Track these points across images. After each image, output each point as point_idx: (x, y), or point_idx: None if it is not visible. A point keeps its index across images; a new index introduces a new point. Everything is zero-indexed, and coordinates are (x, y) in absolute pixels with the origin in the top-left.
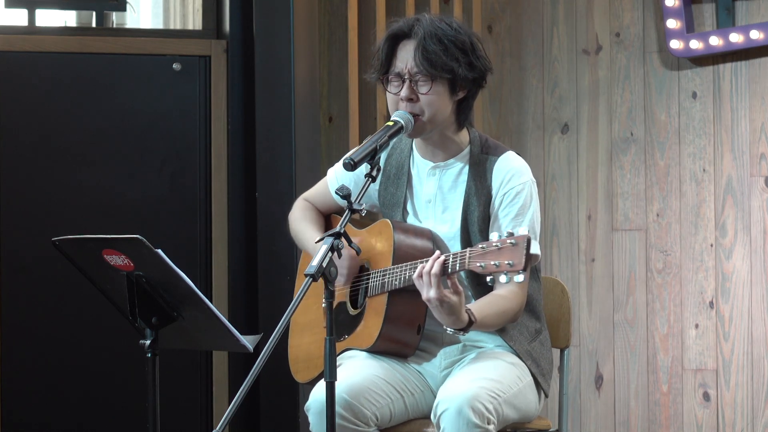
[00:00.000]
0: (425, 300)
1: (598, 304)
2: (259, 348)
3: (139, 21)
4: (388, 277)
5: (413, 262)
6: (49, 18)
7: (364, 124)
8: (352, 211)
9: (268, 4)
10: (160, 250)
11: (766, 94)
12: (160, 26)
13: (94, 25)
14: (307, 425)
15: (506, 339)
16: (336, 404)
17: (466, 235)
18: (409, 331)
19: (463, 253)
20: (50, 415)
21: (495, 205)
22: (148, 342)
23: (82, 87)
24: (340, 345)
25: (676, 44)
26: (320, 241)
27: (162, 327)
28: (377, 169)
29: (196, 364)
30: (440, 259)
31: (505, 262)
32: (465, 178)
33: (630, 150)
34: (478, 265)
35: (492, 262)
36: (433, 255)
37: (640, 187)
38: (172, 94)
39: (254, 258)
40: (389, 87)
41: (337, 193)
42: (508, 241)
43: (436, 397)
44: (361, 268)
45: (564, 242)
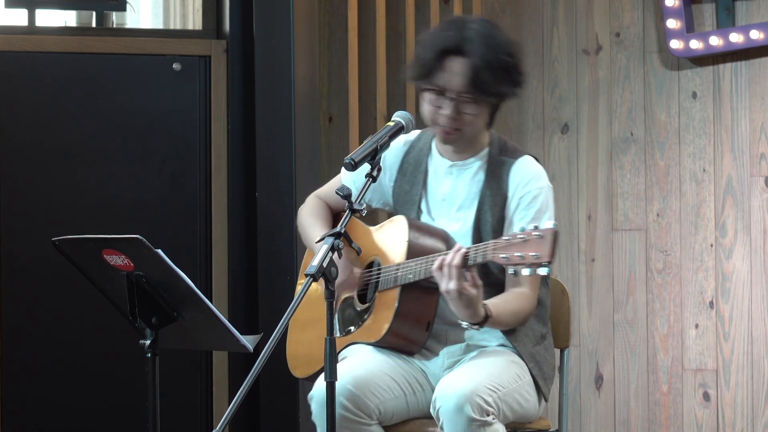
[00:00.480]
0: (444, 292)
1: (598, 304)
2: (259, 348)
3: (139, 21)
4: (402, 272)
5: (428, 257)
6: (49, 18)
7: (364, 124)
8: (353, 211)
9: (268, 4)
10: (160, 250)
11: (766, 94)
12: (160, 26)
13: (94, 25)
14: (307, 425)
15: (511, 340)
16: (340, 395)
17: (477, 235)
18: (418, 327)
19: (486, 245)
20: (50, 415)
21: (510, 208)
22: (148, 342)
23: (82, 87)
24: (346, 339)
25: (676, 44)
26: (320, 241)
27: (162, 327)
28: (378, 169)
29: (196, 364)
30: (462, 251)
31: (531, 254)
32: (481, 178)
33: (630, 150)
34: (502, 256)
35: (516, 254)
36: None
37: (640, 187)
38: (172, 94)
39: (254, 258)
40: (429, 98)
41: (337, 193)
42: (534, 234)
43: (434, 392)
44: (371, 264)
45: (564, 242)
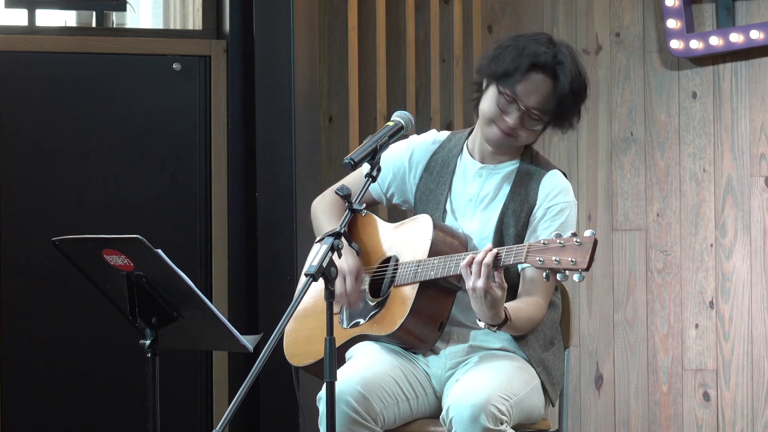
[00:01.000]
0: (470, 289)
1: (598, 304)
2: (259, 348)
3: (139, 21)
4: (422, 268)
5: (454, 255)
6: (49, 18)
7: (364, 124)
8: (353, 211)
9: (268, 4)
10: (160, 250)
11: (766, 94)
12: (160, 26)
13: (94, 25)
14: (308, 425)
15: (521, 345)
16: (349, 395)
17: (499, 237)
18: (431, 326)
19: (520, 247)
20: (50, 415)
21: (536, 217)
22: (148, 342)
23: (82, 87)
24: (353, 331)
25: (676, 44)
26: (320, 241)
27: (162, 327)
28: (377, 169)
29: (196, 364)
30: (493, 251)
31: (568, 259)
32: (510, 183)
33: (630, 150)
34: (538, 259)
35: (553, 258)
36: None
37: (640, 187)
38: (172, 94)
39: (254, 258)
40: (499, 101)
41: (337, 193)
42: (574, 240)
43: (447, 400)
44: (387, 260)
45: None
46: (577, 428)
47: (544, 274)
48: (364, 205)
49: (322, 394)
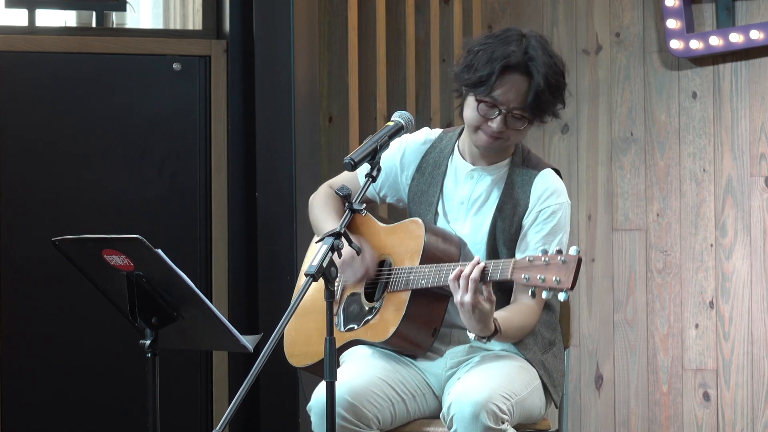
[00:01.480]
0: (458, 303)
1: (598, 304)
2: (259, 348)
3: (139, 21)
4: (414, 276)
5: (444, 265)
6: (49, 18)
7: (364, 124)
8: (353, 211)
9: (268, 4)
10: (160, 250)
11: (766, 94)
12: (160, 26)
13: (94, 25)
14: (308, 425)
15: (520, 348)
16: (338, 406)
17: (492, 242)
18: (425, 332)
19: (506, 263)
20: (50, 415)
21: (528, 220)
22: (148, 342)
23: (82, 87)
24: (348, 335)
25: (676, 44)
26: (320, 240)
27: (162, 327)
28: (377, 169)
29: (196, 364)
30: (480, 265)
31: (553, 278)
32: (502, 186)
33: (630, 150)
34: (523, 276)
35: (538, 276)
36: (472, 260)
37: (640, 187)
38: (172, 94)
39: (254, 258)
40: (480, 108)
41: (337, 193)
42: (559, 258)
43: (448, 399)
44: (382, 263)
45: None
46: (577, 428)
47: (530, 291)
48: (364, 205)
49: (312, 404)
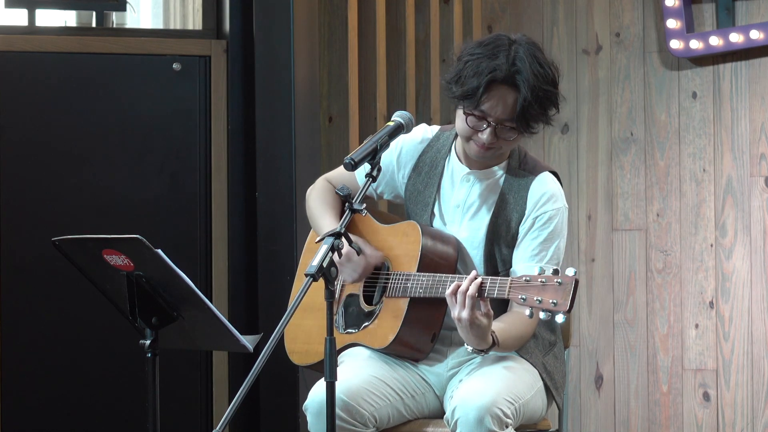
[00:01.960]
0: (456, 319)
1: (598, 304)
2: (259, 348)
3: (139, 21)
4: (412, 283)
5: (442, 276)
6: (49, 18)
7: (364, 124)
8: (353, 211)
9: (268, 4)
10: (160, 250)
11: (766, 94)
12: (160, 26)
13: (94, 25)
14: (307, 424)
15: (521, 352)
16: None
17: (489, 246)
18: (424, 337)
19: (503, 281)
20: (50, 415)
21: (525, 226)
22: (148, 342)
23: (82, 87)
24: (347, 338)
25: (676, 44)
26: (320, 241)
27: (162, 327)
28: (377, 169)
29: (196, 364)
30: (477, 281)
31: (549, 301)
32: (498, 190)
33: (630, 150)
34: (520, 297)
35: (535, 298)
36: (470, 275)
37: (640, 187)
38: (172, 94)
39: (254, 258)
40: (469, 121)
41: (337, 193)
42: (555, 280)
43: (452, 402)
44: (380, 266)
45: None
46: (577, 428)
47: (528, 312)
48: (364, 205)
49: (308, 403)
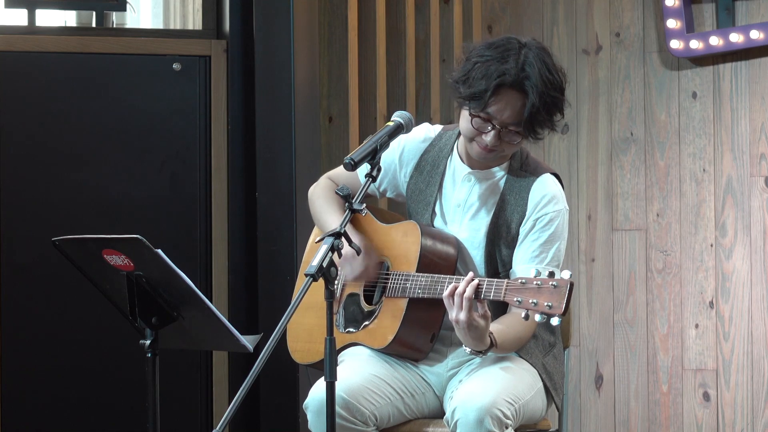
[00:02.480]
0: (453, 321)
1: (598, 304)
2: (259, 348)
3: (139, 21)
4: (411, 284)
5: (440, 276)
6: (49, 18)
7: (364, 124)
8: (353, 211)
9: (268, 4)
10: (160, 250)
11: (766, 94)
12: (160, 26)
13: (94, 25)
14: (307, 424)
15: (521, 353)
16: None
17: (490, 247)
18: (423, 337)
19: (500, 283)
20: (50, 415)
21: (525, 227)
22: (148, 342)
23: (82, 87)
24: (347, 337)
25: (676, 44)
26: (320, 241)
27: (162, 327)
28: (377, 169)
29: (196, 364)
30: (474, 283)
31: (545, 304)
32: (500, 190)
33: (630, 150)
34: (516, 299)
35: (530, 300)
36: (466, 277)
37: (640, 187)
38: (172, 94)
39: (254, 258)
40: (474, 122)
41: (337, 193)
42: (550, 283)
43: (452, 403)
44: (380, 265)
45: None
46: (577, 428)
47: (524, 314)
48: (364, 205)
49: (309, 402)
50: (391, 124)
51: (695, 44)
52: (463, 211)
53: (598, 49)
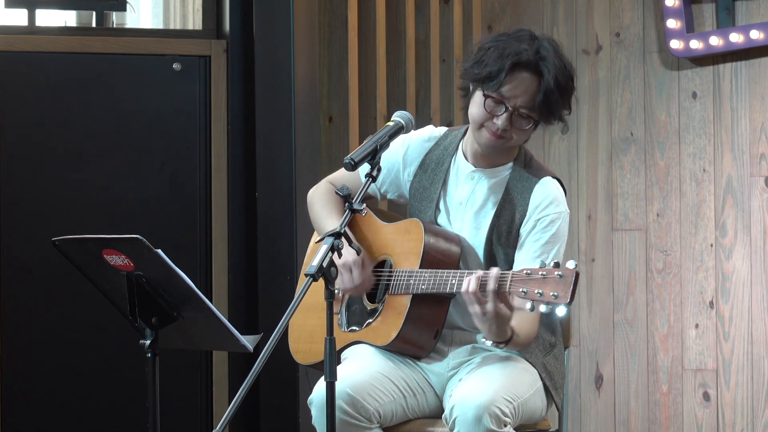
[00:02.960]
0: (477, 314)
1: (598, 304)
2: (259, 348)
3: (139, 21)
4: (414, 280)
5: (444, 271)
6: (49, 18)
7: (364, 124)
8: (353, 211)
9: (268, 4)
10: (160, 250)
11: (766, 94)
12: (160, 26)
13: (94, 25)
14: (307, 424)
15: (522, 352)
16: (339, 399)
17: (489, 247)
18: (427, 334)
19: (504, 275)
20: (50, 415)
21: (526, 228)
22: (148, 342)
23: (82, 87)
24: (350, 336)
25: (676, 44)
26: (320, 241)
27: (162, 327)
28: (377, 169)
29: (196, 364)
30: (495, 272)
31: (550, 293)
32: (502, 190)
33: (630, 150)
34: (521, 290)
35: (536, 290)
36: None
37: (640, 187)
38: (172, 94)
39: (254, 258)
40: (487, 103)
41: (337, 193)
42: (556, 272)
43: (450, 400)
44: (382, 264)
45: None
46: (577, 428)
47: (529, 306)
48: (364, 205)
49: (313, 397)
50: (391, 124)
51: (695, 44)
52: (465, 208)
53: (598, 49)
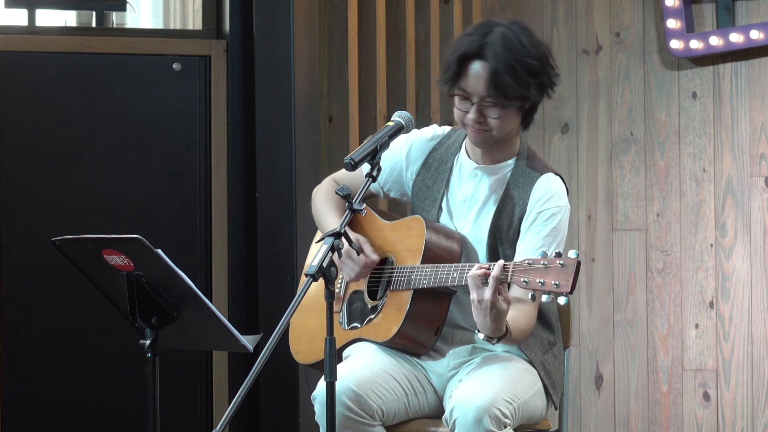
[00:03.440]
0: (476, 301)
1: (598, 304)
2: (259, 348)
3: (139, 21)
4: (416, 275)
5: (446, 265)
6: (49, 18)
7: (364, 124)
8: (353, 211)
9: (268, 4)
10: (160, 250)
11: (766, 94)
12: (160, 26)
13: (94, 25)
14: (307, 424)
15: (523, 348)
16: (343, 395)
17: (492, 242)
18: (428, 331)
19: (506, 265)
20: (50, 415)
21: (527, 221)
22: (148, 342)
23: (82, 87)
24: (351, 333)
25: (676, 44)
26: (320, 241)
27: (162, 327)
28: (377, 169)
29: (196, 364)
30: (501, 263)
31: (552, 282)
32: (504, 186)
33: (630, 150)
34: (522, 279)
35: (537, 280)
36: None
37: (640, 187)
38: (172, 94)
39: (254, 258)
40: (457, 102)
41: (337, 193)
42: (558, 262)
43: (451, 402)
44: (384, 261)
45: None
46: (577, 428)
47: (530, 295)
48: (364, 205)
49: (317, 393)
50: (391, 124)
51: (695, 44)
52: (468, 206)
53: (598, 49)
